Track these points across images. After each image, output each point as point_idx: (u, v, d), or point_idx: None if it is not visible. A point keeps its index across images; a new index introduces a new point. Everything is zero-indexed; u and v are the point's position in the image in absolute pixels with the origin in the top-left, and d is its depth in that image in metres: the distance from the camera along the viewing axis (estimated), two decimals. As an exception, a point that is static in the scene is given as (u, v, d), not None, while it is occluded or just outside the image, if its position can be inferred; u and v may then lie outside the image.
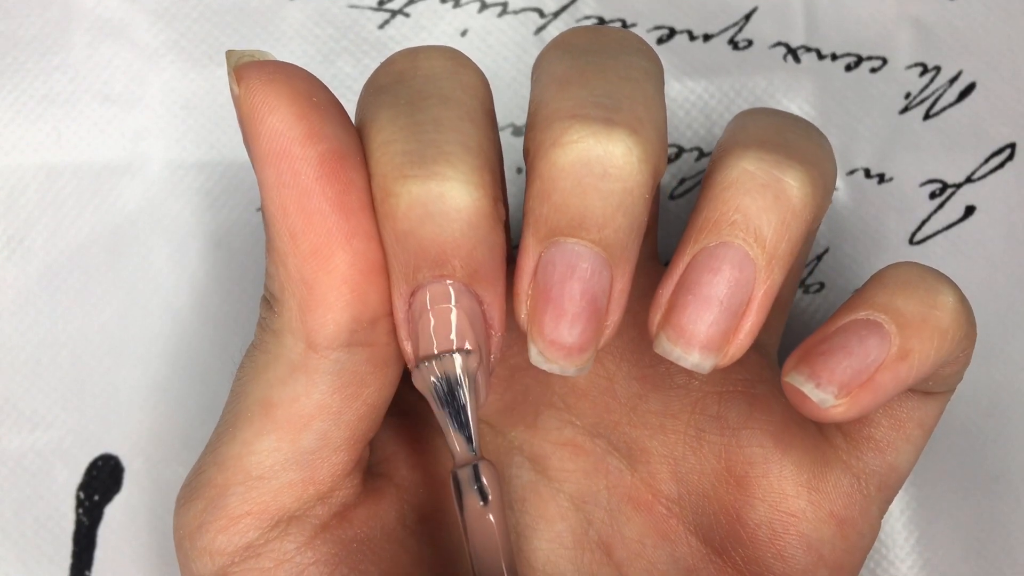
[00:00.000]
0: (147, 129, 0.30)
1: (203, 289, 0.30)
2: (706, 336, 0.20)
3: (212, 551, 0.21)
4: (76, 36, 0.30)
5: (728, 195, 0.20)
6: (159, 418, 0.30)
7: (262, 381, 0.21)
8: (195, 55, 0.30)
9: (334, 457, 0.21)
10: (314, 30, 0.30)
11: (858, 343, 0.20)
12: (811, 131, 0.22)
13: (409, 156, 0.19)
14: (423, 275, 0.20)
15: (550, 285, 0.20)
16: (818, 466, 0.23)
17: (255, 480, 0.21)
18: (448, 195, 0.19)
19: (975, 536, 0.29)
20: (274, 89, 0.19)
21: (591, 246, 0.19)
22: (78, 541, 0.29)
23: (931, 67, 0.30)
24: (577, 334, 0.20)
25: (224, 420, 0.22)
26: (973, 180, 0.30)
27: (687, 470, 0.24)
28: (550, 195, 0.19)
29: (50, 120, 0.30)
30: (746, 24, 0.30)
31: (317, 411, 0.21)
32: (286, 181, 0.19)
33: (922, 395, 0.23)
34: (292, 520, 0.21)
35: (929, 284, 0.21)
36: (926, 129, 0.30)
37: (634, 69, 0.20)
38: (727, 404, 0.24)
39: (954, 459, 0.30)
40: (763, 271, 0.20)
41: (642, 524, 0.24)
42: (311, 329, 0.20)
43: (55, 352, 0.29)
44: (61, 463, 0.29)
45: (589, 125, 0.19)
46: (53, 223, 0.30)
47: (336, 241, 0.20)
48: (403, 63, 0.21)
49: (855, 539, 0.23)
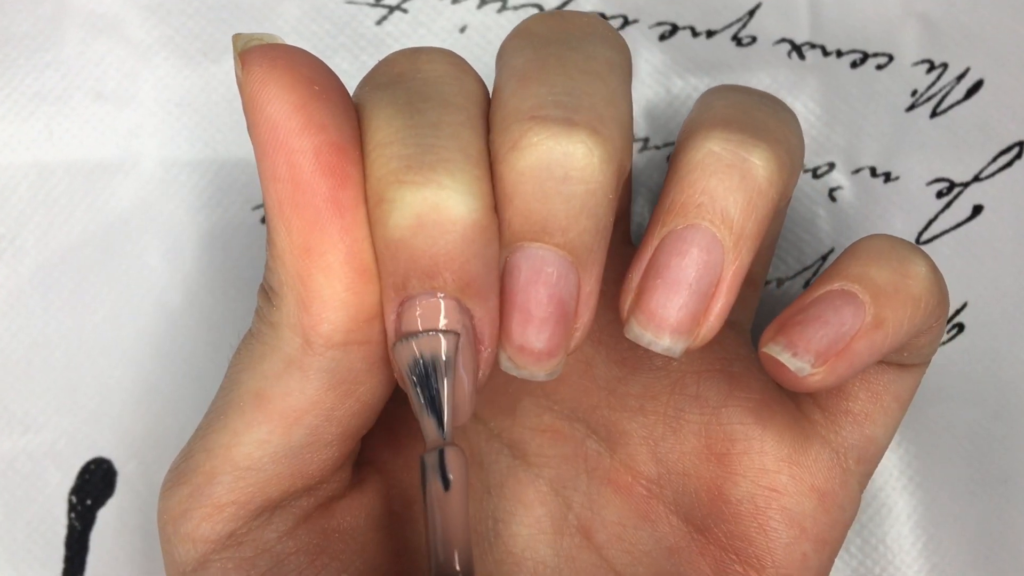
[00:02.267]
0: (140, 127, 0.30)
1: (197, 289, 0.30)
2: (676, 320, 0.20)
3: (195, 538, 0.21)
4: (69, 32, 0.30)
5: (694, 177, 0.20)
6: (153, 420, 0.29)
7: (256, 372, 0.21)
8: (189, 52, 0.30)
9: (324, 452, 0.21)
10: (310, 26, 0.30)
11: (833, 313, 0.20)
12: (778, 108, 0.22)
13: (406, 160, 0.19)
14: (413, 286, 0.19)
15: (516, 291, 0.20)
16: (798, 441, 0.24)
17: (243, 470, 0.21)
18: (444, 205, 0.19)
19: (983, 540, 0.29)
20: (274, 76, 0.19)
21: (556, 250, 0.19)
22: (70, 546, 0.29)
23: (938, 64, 0.30)
24: (545, 339, 0.20)
25: (216, 407, 0.22)
26: (981, 179, 0.30)
27: (667, 450, 0.24)
28: (512, 200, 0.19)
29: (42, 117, 0.30)
30: (750, 20, 0.30)
31: (310, 407, 0.20)
32: (281, 174, 0.19)
33: (898, 368, 0.23)
34: (276, 509, 0.21)
35: (901, 254, 0.21)
36: (933, 127, 0.30)
37: (597, 61, 0.20)
38: (706, 383, 0.24)
39: (961, 462, 0.29)
40: (731, 252, 0.20)
41: (622, 506, 0.25)
42: (307, 327, 0.20)
43: (47, 353, 0.29)
44: (53, 466, 0.29)
45: (548, 127, 0.19)
46: (45, 222, 0.29)
47: (330, 239, 0.19)
48: (404, 63, 0.21)
49: (836, 512, 0.24)
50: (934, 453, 0.29)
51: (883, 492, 0.29)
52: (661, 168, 0.30)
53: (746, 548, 0.24)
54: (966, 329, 0.30)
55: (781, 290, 0.30)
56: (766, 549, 0.24)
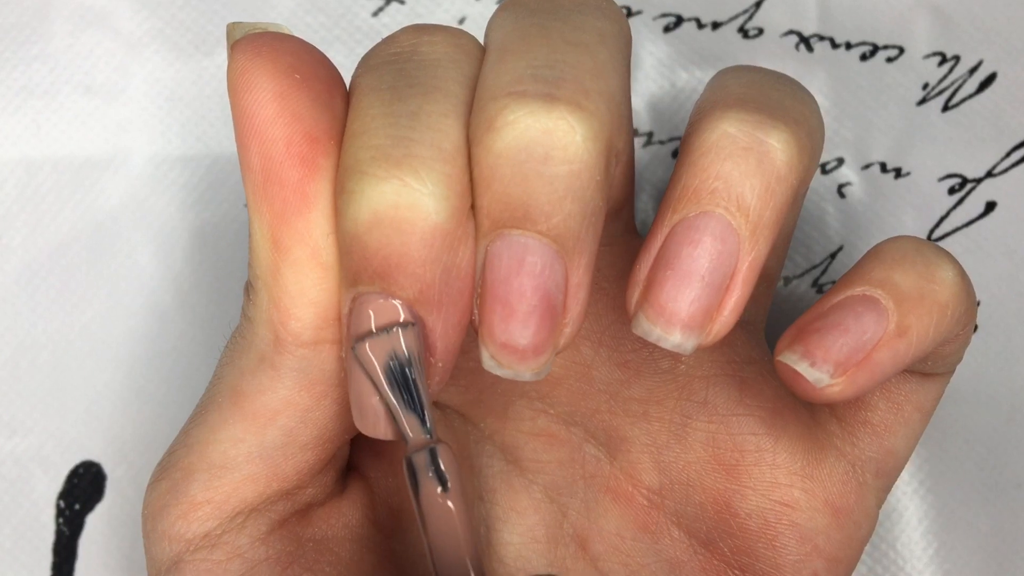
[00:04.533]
0: (130, 121, 0.29)
1: (189, 288, 0.29)
2: (688, 314, 0.19)
3: (171, 536, 0.21)
4: (56, 25, 0.30)
5: (707, 160, 0.19)
6: (143, 423, 0.29)
7: (235, 367, 0.20)
8: (180, 44, 0.30)
9: (300, 455, 0.21)
10: (305, 18, 0.30)
11: (854, 320, 0.19)
12: (796, 88, 0.21)
13: (373, 152, 0.18)
14: (363, 286, 0.18)
15: (496, 283, 0.18)
16: (812, 453, 0.23)
17: (218, 468, 0.21)
18: (404, 204, 0.18)
19: (996, 547, 0.29)
20: (255, 65, 0.18)
21: (539, 238, 0.18)
22: (58, 552, 0.29)
23: (950, 56, 0.30)
24: (530, 335, 0.18)
25: (200, 401, 0.21)
26: (994, 175, 0.30)
27: (671, 459, 0.23)
28: (489, 184, 0.18)
29: (29, 112, 0.29)
30: (756, 12, 0.30)
31: (283, 406, 0.20)
32: (254, 164, 0.19)
33: (920, 376, 0.23)
34: (252, 513, 0.21)
35: (927, 258, 0.20)
36: (945, 121, 0.30)
37: (585, 32, 0.19)
38: (715, 389, 0.23)
39: (974, 466, 0.29)
40: (747, 242, 0.19)
41: (621, 516, 0.24)
42: (277, 323, 0.19)
43: (34, 354, 0.29)
44: (41, 470, 0.29)
45: (526, 103, 0.18)
46: (32, 219, 0.29)
47: (297, 232, 0.19)
48: (404, 42, 0.20)
49: (851, 529, 0.23)
50: (946, 457, 0.29)
51: (893, 496, 0.29)
52: (666, 164, 0.30)
53: (752, 564, 0.23)
54: (979, 329, 0.29)
55: (788, 289, 0.30)
56: (774, 566, 0.23)
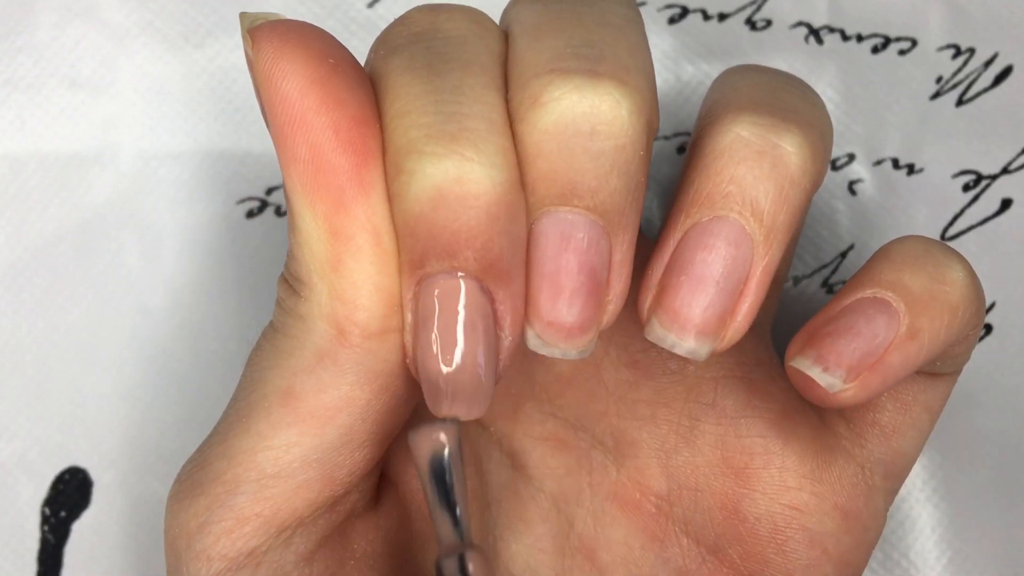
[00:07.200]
0: (118, 116, 0.29)
1: (178, 288, 0.29)
2: (702, 320, 0.19)
3: (211, 555, 0.20)
4: (41, 16, 0.29)
5: (721, 164, 0.19)
6: (131, 428, 0.28)
7: (284, 369, 0.20)
8: (170, 36, 0.29)
9: (356, 455, 0.20)
10: (298, 8, 0.29)
11: (866, 323, 0.20)
12: (806, 90, 0.22)
13: (426, 129, 0.18)
14: (432, 265, 0.18)
15: (544, 260, 0.19)
16: (821, 455, 0.23)
17: (270, 478, 0.20)
18: (467, 178, 0.18)
19: (1012, 556, 0.28)
20: (287, 52, 0.18)
21: (585, 213, 0.18)
22: (43, 561, 0.28)
23: (964, 49, 0.29)
24: (577, 312, 0.19)
25: (236, 409, 0.20)
26: (1010, 171, 0.29)
27: (679, 463, 0.23)
28: (534, 161, 0.18)
29: (13, 107, 0.29)
30: (764, 2, 0.29)
31: (344, 404, 0.19)
32: (301, 154, 0.18)
33: (929, 377, 0.23)
34: (299, 528, 0.20)
35: (937, 259, 0.20)
36: (959, 116, 0.29)
37: (613, 15, 0.19)
38: (723, 391, 0.23)
39: (989, 472, 0.29)
40: (761, 246, 0.19)
41: (628, 525, 0.24)
42: (341, 316, 0.19)
43: (18, 357, 0.28)
44: (25, 477, 0.28)
45: (571, 79, 0.18)
46: (17, 217, 0.29)
47: (357, 220, 0.18)
48: (423, 21, 0.20)
49: (860, 532, 0.23)
50: (960, 463, 0.29)
51: (906, 504, 0.29)
52: (670, 160, 0.29)
53: (762, 570, 0.23)
54: (994, 330, 0.29)
55: (798, 289, 0.29)
56: (784, 571, 0.23)
